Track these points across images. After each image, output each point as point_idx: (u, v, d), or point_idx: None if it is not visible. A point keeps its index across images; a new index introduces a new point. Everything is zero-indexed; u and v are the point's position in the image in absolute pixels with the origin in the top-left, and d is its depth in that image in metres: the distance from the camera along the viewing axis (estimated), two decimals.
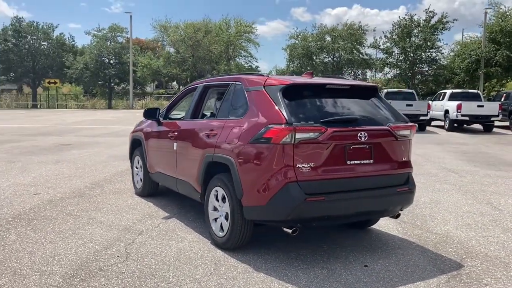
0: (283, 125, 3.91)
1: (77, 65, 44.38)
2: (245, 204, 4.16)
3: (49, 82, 44.56)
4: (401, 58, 41.45)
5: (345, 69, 43.34)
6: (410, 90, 23.14)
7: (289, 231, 4.04)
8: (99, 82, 48.85)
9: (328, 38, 42.60)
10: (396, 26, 41.09)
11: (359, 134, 4.11)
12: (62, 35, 49.32)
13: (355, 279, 3.87)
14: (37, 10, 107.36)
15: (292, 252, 4.51)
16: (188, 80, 46.80)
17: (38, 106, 46.93)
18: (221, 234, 4.53)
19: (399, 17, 46.71)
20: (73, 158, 10.66)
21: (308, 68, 43.20)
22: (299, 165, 3.91)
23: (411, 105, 19.67)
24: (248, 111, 4.38)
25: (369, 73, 45.06)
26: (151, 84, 55.06)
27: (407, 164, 4.53)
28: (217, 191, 4.59)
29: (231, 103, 4.80)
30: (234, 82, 4.86)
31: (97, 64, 44.68)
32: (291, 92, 4.23)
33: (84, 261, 4.17)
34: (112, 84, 48.94)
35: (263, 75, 4.59)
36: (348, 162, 4.10)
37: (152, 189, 6.68)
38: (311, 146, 3.95)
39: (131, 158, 7.24)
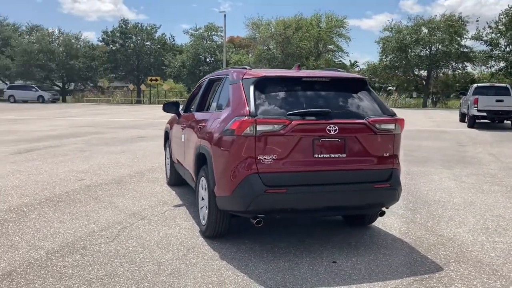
0: (246, 117, 3.97)
1: (174, 64, 47.23)
2: (217, 194, 4.28)
3: (151, 80, 47.75)
4: (508, 49, 38.04)
5: (442, 62, 40.68)
6: (504, 85, 21.13)
7: (254, 221, 4.09)
8: (199, 79, 51.26)
9: (425, 30, 40.29)
10: (503, 15, 37.76)
11: (328, 128, 4.01)
12: (163, 35, 52.77)
13: (312, 274, 3.81)
14: (154, 13, 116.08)
15: (269, 244, 4.53)
16: None
17: (142, 102, 50.57)
18: (203, 222, 4.70)
19: (508, 5, 42.70)
20: (137, 149, 11.46)
21: (403, 62, 41.33)
22: (261, 157, 3.93)
23: (501, 101, 18.03)
24: (227, 103, 4.49)
25: (469, 67, 41.85)
26: None
27: (390, 160, 4.32)
28: (202, 181, 4.76)
29: (219, 96, 4.95)
30: (225, 76, 4.99)
31: (193, 62, 47.11)
32: (264, 85, 4.26)
33: (75, 239, 4.59)
34: None
35: (246, 68, 4.65)
36: (316, 155, 4.03)
37: (178, 179, 7.00)
38: (274, 138, 3.95)
39: (165, 148, 7.67)
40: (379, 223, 5.28)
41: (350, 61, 59.21)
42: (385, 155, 4.28)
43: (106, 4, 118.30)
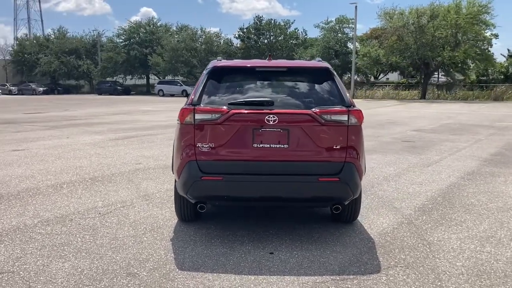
0: (189, 106, 4.13)
1: (304, 58, 47.63)
2: (175, 179, 4.52)
3: None
4: None
5: None
6: None
7: (197, 207, 4.25)
8: None
9: None
10: None
11: (267, 117, 3.96)
12: (296, 30, 53.59)
13: (235, 262, 3.84)
14: (307, 8, 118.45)
15: (229, 231, 4.60)
16: (411, 69, 44.41)
17: None
18: None
19: None
20: None
21: None
22: (199, 145, 4.06)
23: None
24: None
25: None
26: (378, 74, 54.27)
27: (343, 153, 4.06)
28: None
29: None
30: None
31: (322, 55, 47.00)
32: (217, 75, 4.36)
33: (72, 212, 5.22)
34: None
35: (218, 59, 4.79)
36: (255, 145, 4.01)
37: None
38: (212, 127, 4.04)
39: None
40: (368, 220, 4.98)
41: (508, 49, 52.79)
42: (335, 147, 4.05)
43: (260, 2, 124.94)
